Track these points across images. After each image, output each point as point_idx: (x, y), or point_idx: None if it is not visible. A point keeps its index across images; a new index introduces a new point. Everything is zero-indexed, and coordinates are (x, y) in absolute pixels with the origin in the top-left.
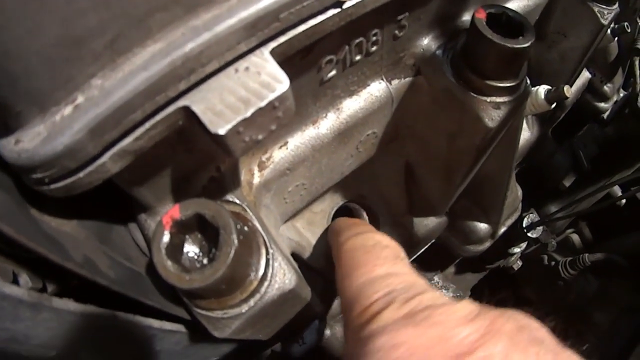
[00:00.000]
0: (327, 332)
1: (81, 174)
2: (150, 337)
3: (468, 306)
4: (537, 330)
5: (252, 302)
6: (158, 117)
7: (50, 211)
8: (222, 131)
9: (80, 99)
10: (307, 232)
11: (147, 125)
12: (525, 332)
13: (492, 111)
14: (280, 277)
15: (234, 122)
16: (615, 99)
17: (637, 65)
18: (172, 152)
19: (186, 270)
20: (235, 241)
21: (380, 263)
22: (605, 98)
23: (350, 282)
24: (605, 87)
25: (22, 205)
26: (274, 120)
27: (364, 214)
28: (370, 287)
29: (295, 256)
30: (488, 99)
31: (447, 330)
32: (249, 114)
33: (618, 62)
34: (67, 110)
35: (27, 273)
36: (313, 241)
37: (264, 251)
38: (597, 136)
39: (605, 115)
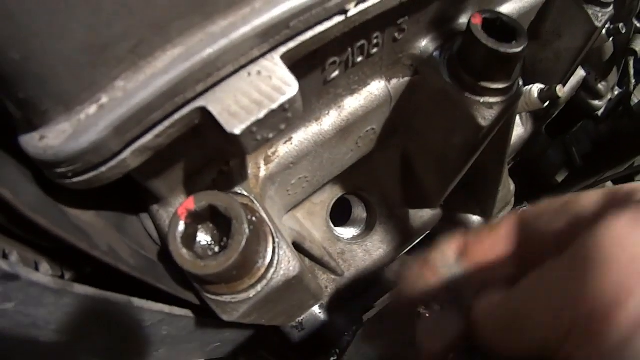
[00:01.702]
0: (327, 318)
1: (103, 169)
2: (159, 322)
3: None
4: None
5: (259, 287)
6: (177, 116)
7: (71, 202)
8: (237, 131)
9: (104, 99)
10: (307, 222)
11: (167, 123)
12: None
13: (485, 111)
14: (285, 264)
15: (248, 123)
16: (609, 97)
17: (632, 65)
18: (187, 148)
19: (200, 257)
20: (247, 230)
21: None
22: (599, 96)
23: None
24: (600, 86)
25: (50, 198)
26: (284, 121)
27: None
28: None
29: (296, 245)
30: (481, 99)
31: None
32: (262, 115)
33: (613, 61)
34: (92, 109)
35: (46, 261)
36: (313, 231)
37: (270, 240)
38: (590, 133)
39: (599, 113)
